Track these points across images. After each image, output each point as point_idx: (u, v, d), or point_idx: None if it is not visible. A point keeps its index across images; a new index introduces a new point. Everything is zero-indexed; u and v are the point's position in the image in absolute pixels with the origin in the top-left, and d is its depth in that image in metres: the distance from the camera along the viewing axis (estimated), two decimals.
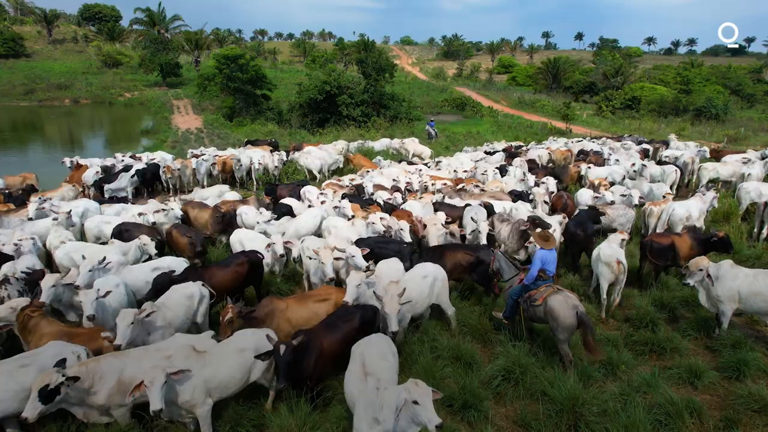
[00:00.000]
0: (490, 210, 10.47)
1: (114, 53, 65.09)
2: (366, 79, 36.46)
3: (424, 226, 9.58)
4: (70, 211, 10.48)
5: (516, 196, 12.26)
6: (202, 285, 6.77)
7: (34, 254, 8.64)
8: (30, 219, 10.64)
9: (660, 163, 16.42)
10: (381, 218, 9.43)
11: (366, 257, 7.60)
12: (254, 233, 9.36)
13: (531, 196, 12.20)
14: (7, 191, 14.66)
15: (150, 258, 8.59)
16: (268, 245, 8.65)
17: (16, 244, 8.56)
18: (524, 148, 21.92)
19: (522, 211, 10.74)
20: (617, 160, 16.48)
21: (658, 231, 10.46)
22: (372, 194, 13.16)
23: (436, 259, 7.67)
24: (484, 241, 9.19)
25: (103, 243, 9.72)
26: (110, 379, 4.86)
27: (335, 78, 34.40)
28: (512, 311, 6.71)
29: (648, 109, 45.35)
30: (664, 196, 12.06)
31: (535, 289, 6.35)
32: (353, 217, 10.43)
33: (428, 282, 6.87)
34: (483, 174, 15.36)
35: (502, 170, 15.78)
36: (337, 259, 7.43)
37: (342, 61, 68.77)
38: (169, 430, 5.15)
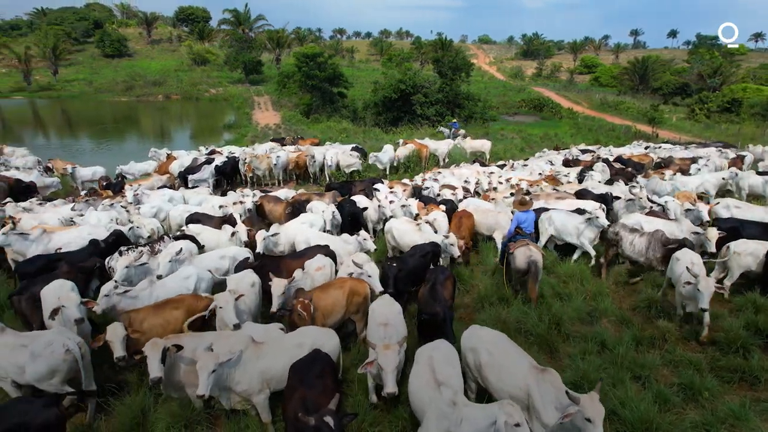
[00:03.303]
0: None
1: (203, 52, 69.39)
2: (442, 78, 36.16)
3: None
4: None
5: (598, 197, 11.53)
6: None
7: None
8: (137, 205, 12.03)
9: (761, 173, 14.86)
10: (435, 219, 9.50)
11: None
12: (319, 233, 9.33)
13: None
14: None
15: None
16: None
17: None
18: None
19: (656, 223, 9.45)
20: (698, 169, 15.61)
21: None
22: (438, 194, 13.23)
23: None
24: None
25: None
26: (187, 356, 5.11)
27: (411, 77, 34.37)
28: (502, 257, 8.77)
29: (750, 112, 41.14)
30: None
31: (514, 242, 8.23)
32: (417, 216, 10.41)
33: None
34: (565, 176, 15.15)
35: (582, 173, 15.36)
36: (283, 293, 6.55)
37: (418, 60, 68.79)
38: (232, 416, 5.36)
